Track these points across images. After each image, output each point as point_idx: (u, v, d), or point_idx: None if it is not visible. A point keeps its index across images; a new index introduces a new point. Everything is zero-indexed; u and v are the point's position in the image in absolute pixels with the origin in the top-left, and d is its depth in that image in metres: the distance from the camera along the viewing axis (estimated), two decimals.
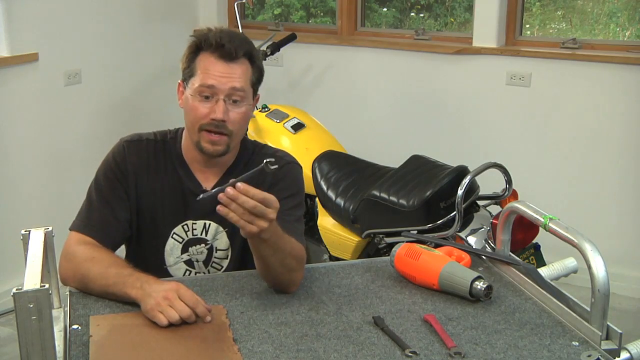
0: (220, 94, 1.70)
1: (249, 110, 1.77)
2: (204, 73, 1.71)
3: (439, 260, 1.65)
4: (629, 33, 4.00)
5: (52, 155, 3.59)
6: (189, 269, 1.85)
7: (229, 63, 1.71)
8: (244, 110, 1.74)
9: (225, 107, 1.70)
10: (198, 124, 1.72)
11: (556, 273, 1.77)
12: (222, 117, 1.70)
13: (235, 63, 1.72)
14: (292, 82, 4.25)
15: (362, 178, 2.90)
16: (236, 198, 1.41)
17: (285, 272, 1.61)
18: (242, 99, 1.73)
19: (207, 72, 1.71)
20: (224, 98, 1.70)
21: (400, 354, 1.38)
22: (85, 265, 1.63)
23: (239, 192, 1.41)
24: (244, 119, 1.76)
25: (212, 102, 1.71)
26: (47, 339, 1.18)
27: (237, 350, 1.38)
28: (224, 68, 1.71)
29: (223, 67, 1.71)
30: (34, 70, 3.43)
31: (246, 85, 1.73)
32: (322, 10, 4.79)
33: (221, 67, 1.71)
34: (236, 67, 1.72)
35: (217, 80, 1.70)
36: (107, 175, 1.79)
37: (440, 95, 3.86)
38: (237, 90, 1.71)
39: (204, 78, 1.70)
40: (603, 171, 3.55)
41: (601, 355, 1.37)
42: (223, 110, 1.70)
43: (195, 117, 1.72)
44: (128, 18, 3.95)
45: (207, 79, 1.70)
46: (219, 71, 1.70)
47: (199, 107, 1.71)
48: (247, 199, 1.42)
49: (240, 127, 1.76)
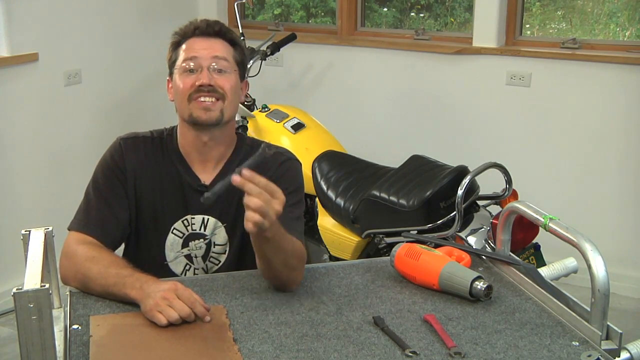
0: (203, 62, 1.74)
1: (237, 82, 1.79)
2: (186, 51, 1.77)
3: (439, 261, 1.65)
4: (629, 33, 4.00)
5: (52, 155, 3.59)
6: (188, 264, 1.85)
7: (208, 38, 1.78)
8: (233, 78, 1.77)
9: (209, 74, 1.74)
10: (186, 95, 1.74)
11: (556, 273, 1.77)
12: (207, 81, 1.72)
13: (215, 39, 1.78)
14: (292, 82, 4.25)
15: (362, 178, 2.90)
16: (243, 185, 1.42)
17: (286, 271, 1.62)
18: (227, 68, 1.76)
19: (188, 49, 1.77)
20: (207, 67, 1.74)
21: (400, 354, 1.38)
22: (85, 264, 1.63)
23: (245, 179, 1.41)
24: (233, 86, 1.77)
25: (196, 74, 1.75)
26: (47, 339, 1.18)
27: (237, 350, 1.38)
28: (205, 42, 1.77)
29: (203, 41, 1.78)
30: (34, 70, 3.43)
31: (229, 57, 1.78)
32: (322, 10, 4.79)
33: (202, 42, 1.77)
34: (216, 41, 1.78)
35: (198, 52, 1.75)
36: (105, 173, 1.79)
37: (441, 96, 3.86)
38: (220, 59, 1.75)
39: (187, 53, 1.77)
40: (603, 171, 3.55)
41: (601, 355, 1.37)
42: (207, 76, 1.73)
43: (183, 90, 1.75)
44: (128, 18, 3.95)
45: (190, 52, 1.76)
46: (199, 45, 1.77)
47: (184, 79, 1.75)
48: (253, 185, 1.42)
49: (232, 94, 1.77)
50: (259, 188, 1.42)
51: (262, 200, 1.42)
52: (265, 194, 1.43)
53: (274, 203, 1.44)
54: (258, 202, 1.41)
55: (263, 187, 1.43)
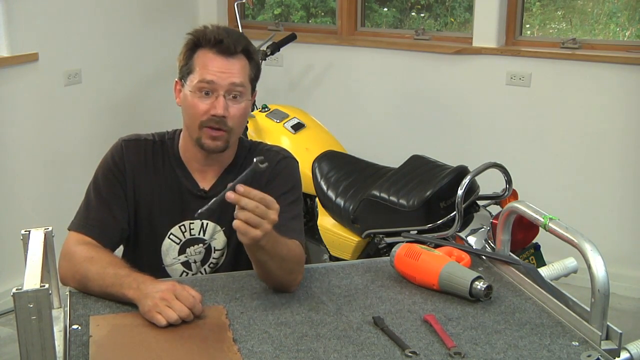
0: (220, 89, 1.70)
1: (248, 106, 1.77)
2: (203, 69, 1.71)
3: (438, 261, 1.65)
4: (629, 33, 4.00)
5: (51, 155, 3.59)
6: (185, 271, 1.85)
7: (227, 58, 1.71)
8: (244, 106, 1.74)
9: (225, 103, 1.70)
10: (198, 120, 1.72)
11: (556, 273, 1.77)
12: (222, 112, 1.69)
13: (234, 58, 1.72)
14: (292, 82, 4.25)
15: (362, 178, 2.90)
16: (238, 201, 1.41)
17: (284, 275, 1.61)
18: (242, 94, 1.73)
19: (206, 67, 1.71)
20: (223, 94, 1.70)
21: (400, 354, 1.38)
22: (84, 265, 1.62)
23: (240, 195, 1.41)
24: (244, 115, 1.76)
25: (211, 98, 1.71)
26: (47, 339, 1.18)
27: (237, 350, 1.38)
28: (223, 63, 1.71)
29: (222, 62, 1.71)
30: (34, 70, 3.43)
31: (245, 81, 1.74)
32: (322, 10, 4.79)
33: (220, 63, 1.71)
34: (235, 62, 1.72)
35: (216, 75, 1.70)
36: (105, 174, 1.79)
37: (441, 96, 3.86)
38: (237, 86, 1.71)
39: (203, 74, 1.70)
40: (603, 171, 3.55)
41: (601, 355, 1.37)
42: (223, 106, 1.70)
43: (195, 114, 1.72)
44: (128, 18, 3.95)
45: (207, 74, 1.70)
46: (217, 67, 1.70)
47: (198, 103, 1.71)
48: (249, 200, 1.42)
49: (239, 123, 1.76)
50: (255, 202, 1.42)
51: (258, 213, 1.42)
52: (261, 207, 1.43)
53: (270, 214, 1.44)
54: (249, 215, 1.42)
55: (259, 201, 1.42)
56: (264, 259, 1.57)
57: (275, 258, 1.57)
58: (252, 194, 1.42)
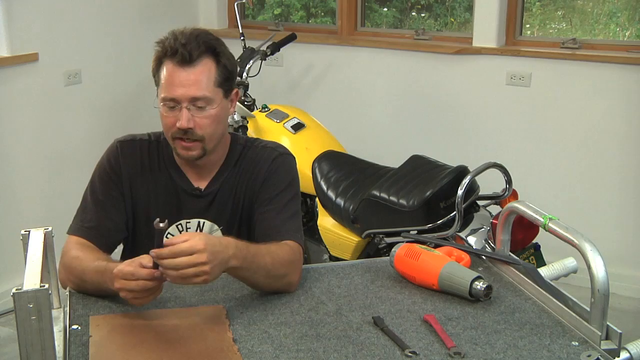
0: (182, 102, 1.68)
1: (219, 112, 1.72)
2: (165, 84, 1.69)
3: (438, 261, 1.65)
4: (629, 33, 4.00)
5: (52, 155, 3.60)
6: None
7: (186, 69, 1.67)
8: (212, 114, 1.70)
9: (188, 115, 1.68)
10: (169, 132, 1.73)
11: (556, 273, 1.77)
12: (186, 125, 1.68)
13: (194, 67, 1.68)
14: (292, 82, 4.25)
15: (362, 178, 2.90)
16: (161, 265, 1.42)
17: (275, 282, 1.62)
18: (207, 103, 1.70)
19: (167, 82, 1.69)
20: (187, 106, 1.68)
21: (400, 354, 1.38)
22: (73, 265, 1.64)
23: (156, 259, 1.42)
24: (214, 121, 1.72)
25: (177, 111, 1.69)
26: (47, 339, 1.18)
27: (237, 350, 1.38)
28: (183, 75, 1.67)
29: (182, 75, 1.67)
30: (34, 70, 3.44)
31: (208, 90, 1.69)
32: (322, 10, 4.78)
33: (180, 75, 1.67)
34: (195, 72, 1.67)
35: (176, 91, 1.67)
36: (101, 176, 1.79)
37: (441, 96, 3.86)
38: (198, 99, 1.68)
39: (165, 90, 1.69)
40: (603, 171, 3.55)
41: (601, 355, 1.37)
42: (187, 119, 1.68)
43: (166, 126, 1.73)
44: (128, 18, 3.95)
45: (167, 91, 1.68)
46: (178, 80, 1.67)
47: (166, 117, 1.71)
48: (167, 261, 1.41)
49: (212, 130, 1.72)
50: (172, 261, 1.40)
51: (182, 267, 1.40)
52: (180, 260, 1.41)
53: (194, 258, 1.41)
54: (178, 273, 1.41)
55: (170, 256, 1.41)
56: (246, 276, 1.58)
57: (259, 271, 1.57)
58: (162, 254, 1.41)
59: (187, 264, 1.41)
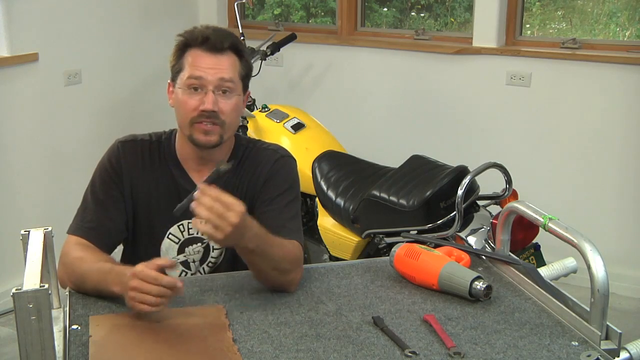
0: (209, 85, 1.71)
1: (239, 102, 1.77)
2: (192, 66, 1.72)
3: (438, 261, 1.65)
4: (629, 33, 4.00)
5: (52, 155, 3.59)
6: (185, 270, 1.85)
7: (215, 55, 1.72)
8: (234, 102, 1.74)
9: (214, 98, 1.71)
10: (189, 117, 1.72)
11: (556, 273, 1.77)
12: (212, 107, 1.70)
13: (222, 55, 1.73)
14: (292, 82, 4.25)
15: (362, 178, 2.90)
16: (199, 198, 1.43)
17: (279, 276, 1.62)
18: (232, 90, 1.73)
19: (194, 64, 1.72)
20: (212, 89, 1.71)
21: (399, 354, 1.38)
22: (75, 266, 1.64)
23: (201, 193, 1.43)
24: (235, 110, 1.75)
25: (201, 94, 1.71)
26: (47, 339, 1.18)
27: (237, 350, 1.38)
28: (212, 60, 1.72)
29: (210, 59, 1.72)
30: (34, 70, 3.43)
31: (235, 77, 1.74)
32: (322, 10, 4.78)
33: (209, 60, 1.72)
34: (223, 59, 1.73)
35: (204, 71, 1.71)
36: (102, 176, 1.79)
37: (441, 96, 3.86)
38: (226, 81, 1.72)
39: (192, 70, 1.71)
40: (603, 171, 3.55)
41: (601, 355, 1.37)
42: (213, 101, 1.70)
43: (186, 111, 1.72)
44: (128, 18, 3.95)
45: (195, 70, 1.71)
46: (206, 63, 1.71)
47: (188, 100, 1.72)
48: (207, 198, 1.43)
49: (232, 119, 1.75)
50: (211, 201, 1.42)
51: (213, 213, 1.42)
52: (218, 206, 1.43)
53: (229, 216, 1.43)
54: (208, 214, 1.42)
55: (215, 199, 1.43)
56: (256, 262, 1.58)
57: (268, 260, 1.57)
58: (210, 192, 1.43)
59: (219, 213, 1.42)
